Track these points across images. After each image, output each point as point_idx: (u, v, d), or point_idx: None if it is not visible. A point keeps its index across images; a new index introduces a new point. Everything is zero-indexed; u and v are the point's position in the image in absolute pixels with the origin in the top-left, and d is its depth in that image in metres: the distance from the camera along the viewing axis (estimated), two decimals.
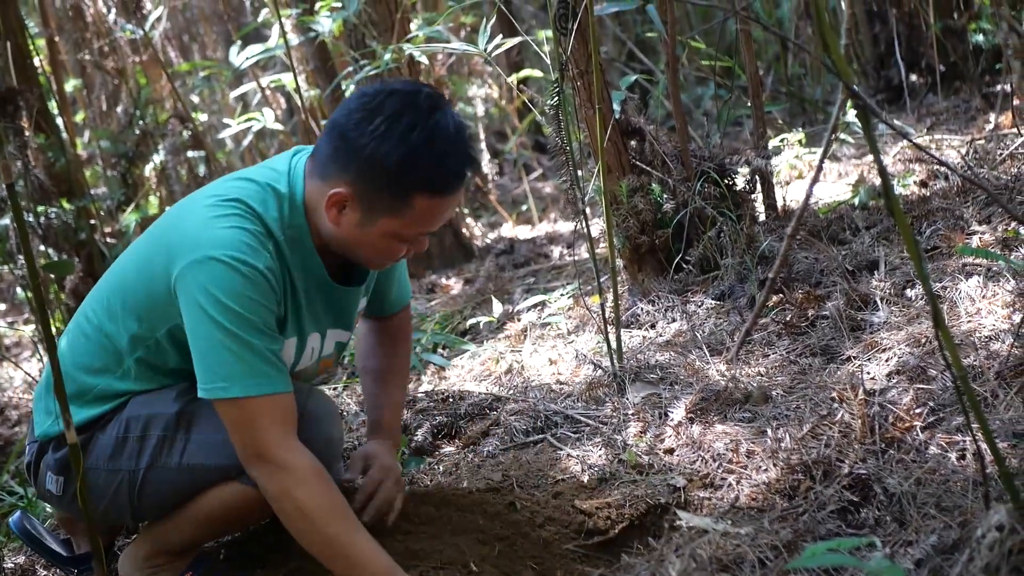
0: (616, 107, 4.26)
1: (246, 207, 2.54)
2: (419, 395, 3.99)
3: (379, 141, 2.43)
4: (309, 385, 2.80)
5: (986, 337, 3.17)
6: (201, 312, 2.44)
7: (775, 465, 2.76)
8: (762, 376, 3.41)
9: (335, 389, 4.41)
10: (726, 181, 4.34)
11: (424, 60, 5.89)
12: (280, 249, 2.56)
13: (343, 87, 6.09)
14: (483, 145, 8.11)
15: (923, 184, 4.71)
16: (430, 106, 2.46)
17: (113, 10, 7.75)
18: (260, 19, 7.32)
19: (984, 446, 2.32)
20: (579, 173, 3.73)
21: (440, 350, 4.64)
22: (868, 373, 3.17)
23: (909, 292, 3.69)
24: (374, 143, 2.43)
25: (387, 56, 5.19)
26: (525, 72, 6.99)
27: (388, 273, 3.02)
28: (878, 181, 4.75)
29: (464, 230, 6.90)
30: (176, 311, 2.52)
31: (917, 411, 2.83)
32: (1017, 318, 3.19)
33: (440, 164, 2.47)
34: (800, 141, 5.75)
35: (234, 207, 2.53)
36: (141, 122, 7.30)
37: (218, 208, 2.53)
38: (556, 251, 6.33)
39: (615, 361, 3.63)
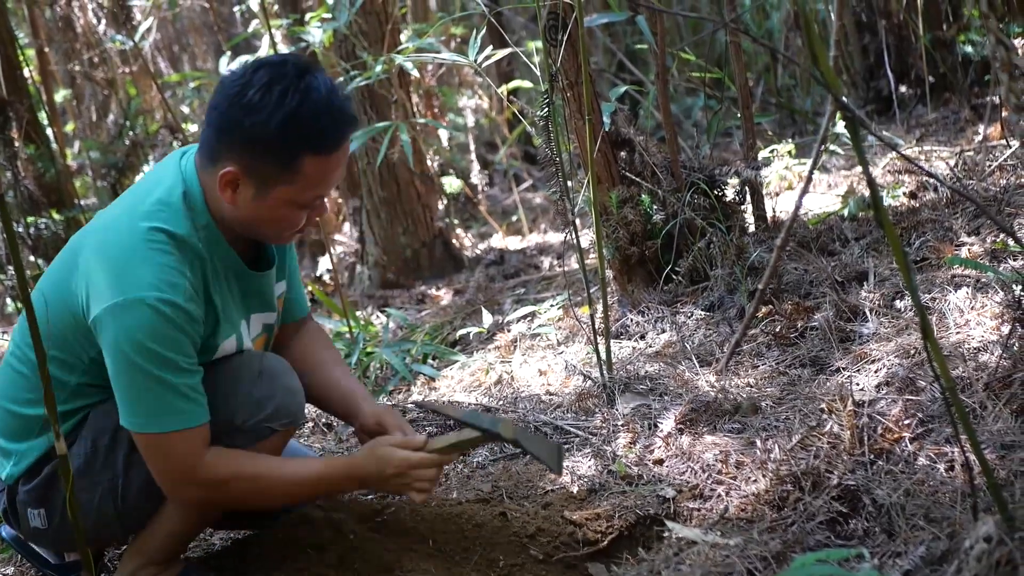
0: (606, 118, 4.27)
1: (161, 232, 2.54)
2: (409, 406, 3.99)
3: (255, 112, 2.47)
4: (259, 351, 2.82)
5: (975, 348, 3.18)
6: (120, 353, 2.48)
7: (764, 476, 2.76)
8: (751, 387, 3.42)
9: None
10: (716, 192, 4.35)
11: (414, 71, 5.90)
12: (200, 256, 2.58)
13: None
14: (473, 155, 8.11)
15: (912, 195, 4.73)
16: (298, 71, 2.50)
17: (103, 21, 7.76)
18: (250, 30, 7.32)
19: (972, 457, 2.33)
20: (569, 184, 3.73)
21: (430, 361, 4.64)
22: (857, 384, 3.17)
23: (898, 303, 3.70)
24: (251, 115, 2.47)
25: (378, 67, 5.19)
26: (515, 83, 6.99)
27: (290, 279, 3.04)
28: (867, 192, 4.77)
29: (454, 241, 6.91)
30: (95, 344, 2.56)
31: (906, 422, 2.84)
32: (1005, 329, 3.19)
33: (318, 123, 2.50)
34: (790, 152, 5.76)
35: (152, 236, 2.54)
36: (131, 132, 7.31)
37: (135, 241, 2.53)
38: (546, 262, 6.34)
39: (605, 372, 3.63)
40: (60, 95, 8.47)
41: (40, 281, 2.75)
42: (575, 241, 3.71)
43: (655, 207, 4.31)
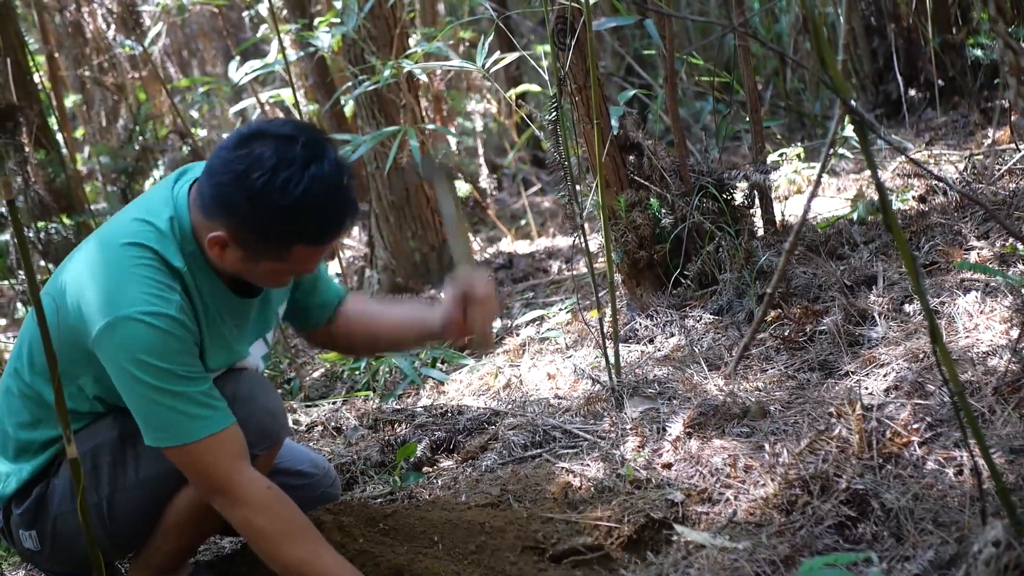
0: (614, 122, 4.27)
1: (148, 250, 2.53)
2: (418, 410, 4.00)
3: (255, 199, 2.41)
4: (235, 371, 2.78)
5: (983, 352, 3.17)
6: (125, 373, 2.47)
7: (773, 480, 2.76)
8: (760, 391, 3.42)
9: (334, 403, 4.42)
10: (724, 196, 4.35)
11: (423, 76, 5.91)
12: (186, 281, 2.56)
13: (342, 102, 6.11)
14: (481, 160, 8.11)
15: (921, 199, 4.72)
16: (306, 157, 2.42)
17: (112, 26, 7.78)
18: (259, 35, 7.35)
19: (981, 461, 2.33)
20: (577, 188, 3.74)
21: (439, 364, 4.65)
22: (866, 388, 3.17)
23: (907, 307, 3.70)
24: (251, 201, 2.41)
25: (386, 72, 5.20)
26: (523, 87, 7.00)
27: (309, 285, 3.05)
28: (876, 196, 4.77)
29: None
30: (96, 361, 2.54)
31: (915, 426, 2.83)
32: (1015, 333, 3.19)
33: (316, 219, 2.47)
34: (799, 156, 5.76)
35: (139, 254, 2.52)
36: (141, 137, 7.33)
37: (124, 260, 2.52)
38: (555, 266, 6.33)
39: (613, 376, 3.63)
40: (70, 100, 8.50)
41: (46, 287, 2.76)
42: (584, 245, 3.72)
43: (664, 211, 4.31)
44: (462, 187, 7.30)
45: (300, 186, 2.40)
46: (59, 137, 6.48)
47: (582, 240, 3.70)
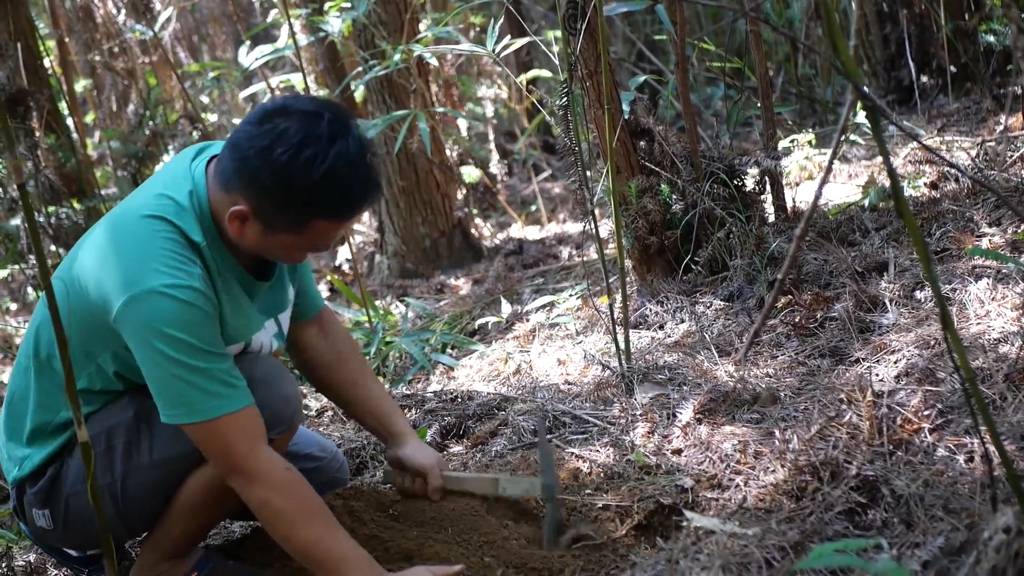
0: (625, 107, 4.26)
1: (169, 223, 2.54)
2: (428, 395, 4.00)
3: (279, 173, 2.44)
4: (253, 354, 2.80)
5: (995, 339, 3.17)
6: (148, 347, 2.47)
7: (783, 466, 2.76)
8: (770, 377, 3.41)
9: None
10: (735, 182, 4.34)
11: (433, 60, 5.90)
12: (204, 256, 2.58)
13: (352, 87, 6.10)
14: (492, 145, 8.11)
15: (933, 186, 4.71)
16: (331, 134, 2.45)
17: (123, 11, 7.78)
18: (269, 20, 7.34)
19: (992, 448, 2.32)
20: (588, 174, 3.73)
21: (449, 350, 4.65)
22: (876, 375, 3.17)
23: (918, 294, 3.69)
24: (274, 175, 2.44)
25: (396, 56, 5.19)
26: (534, 72, 7.00)
27: (303, 278, 3.06)
28: (888, 182, 4.76)
29: (473, 230, 6.91)
30: (117, 337, 2.55)
31: (925, 413, 2.83)
32: None
33: (340, 195, 2.50)
34: (810, 142, 5.74)
35: (160, 227, 2.53)
36: (151, 122, 7.33)
37: (144, 233, 2.53)
38: (565, 251, 6.33)
39: (623, 362, 3.63)
40: (80, 85, 8.49)
41: (57, 270, 2.76)
42: (594, 231, 3.71)
43: (674, 197, 4.30)
44: (472, 172, 7.29)
45: (325, 163, 2.43)
46: (69, 122, 6.49)
47: (592, 226, 3.70)
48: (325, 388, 3.15)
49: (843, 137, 5.59)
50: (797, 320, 3.75)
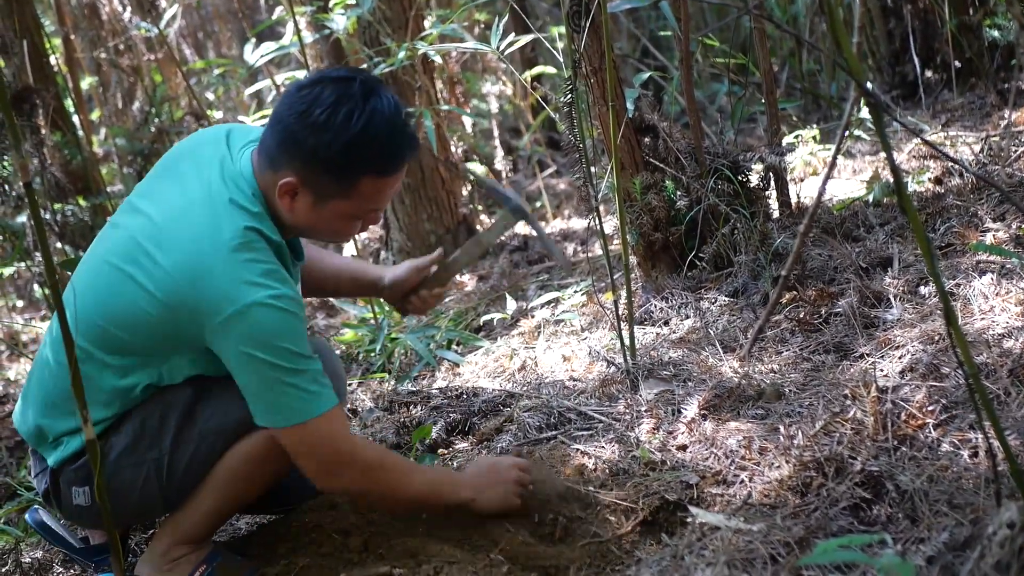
0: (630, 104, 4.27)
1: (251, 231, 2.60)
2: (433, 392, 4.00)
3: (320, 132, 2.53)
4: None
5: (999, 335, 3.17)
6: (249, 358, 2.55)
7: (788, 462, 2.76)
8: (775, 373, 3.42)
9: (349, 385, 4.43)
10: (740, 178, 4.34)
11: (438, 58, 5.90)
12: (282, 254, 2.68)
13: None
14: (497, 142, 8.11)
15: (937, 181, 4.71)
16: (365, 92, 2.56)
17: (128, 8, 7.79)
18: (275, 16, 7.34)
19: (996, 444, 2.33)
20: (593, 170, 3.73)
21: (454, 347, 4.66)
22: (881, 370, 3.17)
23: (923, 289, 3.69)
24: (315, 135, 2.54)
25: (401, 54, 5.20)
26: (539, 69, 7.00)
27: None
28: (892, 178, 4.76)
29: (478, 227, 6.91)
30: (197, 347, 2.63)
31: (930, 408, 2.83)
32: None
33: (380, 148, 2.58)
34: (814, 137, 5.74)
35: (244, 236, 2.59)
36: (156, 119, 7.34)
37: (228, 244, 2.57)
38: (570, 248, 6.33)
39: (628, 358, 3.64)
40: (86, 82, 8.50)
41: (82, 268, 2.79)
42: (599, 227, 3.72)
43: (679, 193, 4.31)
44: (478, 168, 7.30)
45: (362, 117, 2.54)
46: (75, 119, 6.50)
47: (597, 222, 3.70)
48: (308, 290, 3.28)
49: (847, 133, 5.59)
50: (801, 316, 3.75)
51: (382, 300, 3.49)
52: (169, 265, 2.60)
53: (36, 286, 7.31)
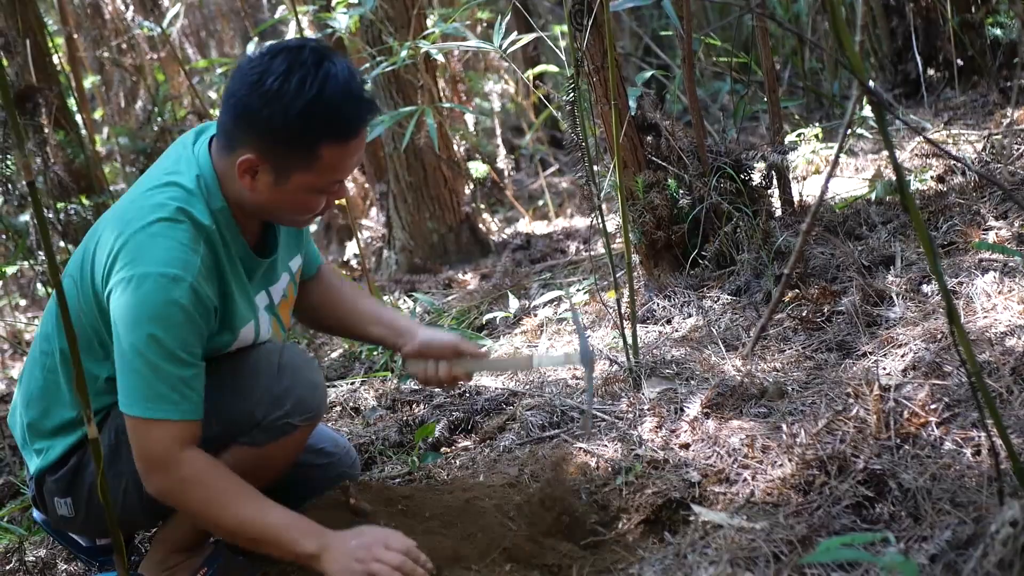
0: (632, 103, 4.27)
1: (179, 211, 2.56)
2: (436, 390, 4.00)
3: (273, 101, 2.47)
4: (282, 343, 2.83)
5: (1001, 333, 3.17)
6: (122, 328, 2.49)
7: (790, 460, 2.76)
8: (778, 371, 3.42)
9: (353, 383, 4.43)
10: (742, 176, 4.34)
11: (440, 57, 5.90)
12: (212, 239, 2.59)
13: None
14: (499, 140, 8.11)
15: (940, 179, 4.71)
16: (317, 58, 2.49)
17: (131, 7, 7.79)
18: (277, 16, 7.34)
19: (999, 442, 2.33)
20: (595, 168, 3.74)
21: None
22: (884, 369, 3.17)
23: (925, 288, 3.69)
24: (269, 104, 2.47)
25: (403, 53, 5.20)
26: (541, 68, 6.99)
27: (306, 243, 3.10)
28: (894, 176, 4.76)
29: (481, 225, 6.91)
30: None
31: (932, 407, 2.83)
32: None
33: (337, 111, 2.50)
34: (817, 136, 5.74)
35: (167, 214, 2.55)
36: (159, 118, 7.34)
37: (150, 221, 2.54)
38: (572, 246, 6.33)
39: (631, 356, 3.64)
40: (89, 81, 8.51)
41: (67, 268, 2.78)
42: (601, 226, 3.72)
43: (681, 192, 4.31)
44: (480, 168, 7.31)
45: (316, 83, 2.47)
46: (78, 118, 6.50)
47: (600, 221, 3.70)
48: (328, 325, 3.21)
49: (849, 131, 5.59)
50: (804, 314, 3.75)
51: (383, 298, 3.39)
52: (102, 238, 2.63)
53: (39, 285, 7.30)
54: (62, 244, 5.84)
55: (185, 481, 2.53)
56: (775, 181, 4.56)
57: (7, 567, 3.27)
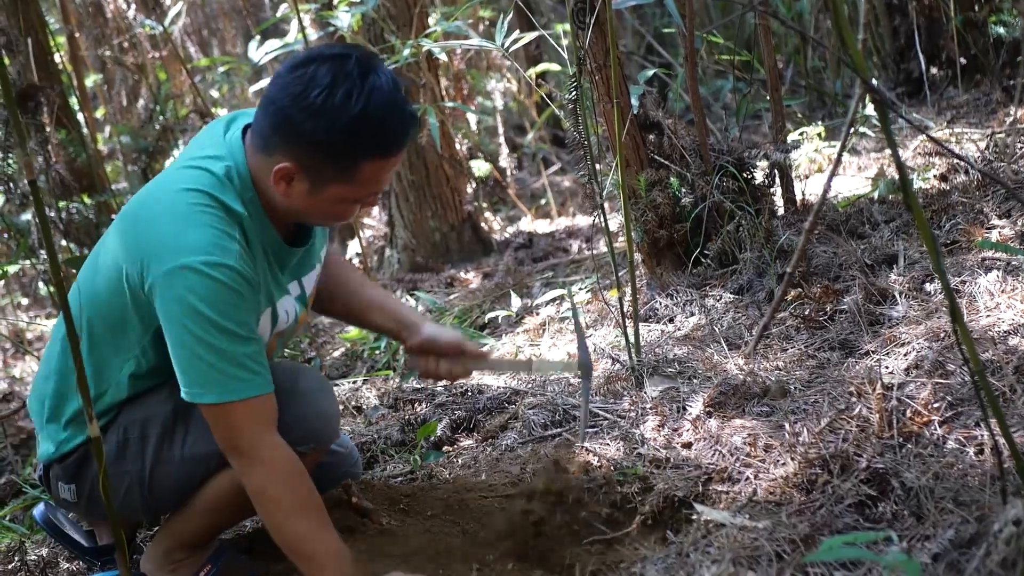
0: (634, 101, 4.26)
1: (209, 197, 2.52)
2: (438, 389, 4.01)
3: (317, 116, 2.41)
4: (297, 363, 2.82)
5: (1004, 331, 3.17)
6: (177, 321, 2.45)
7: (793, 459, 2.76)
8: (780, 370, 3.41)
9: (355, 382, 4.43)
10: (745, 175, 4.34)
11: (442, 55, 5.90)
12: (245, 226, 2.56)
13: None
14: (501, 139, 8.11)
15: (943, 178, 4.70)
16: (362, 72, 2.43)
17: (133, 6, 7.79)
18: (279, 14, 7.34)
19: (1002, 441, 2.32)
20: (597, 167, 3.73)
21: None
22: (886, 367, 3.17)
23: (928, 286, 3.69)
24: (312, 119, 2.41)
25: (406, 51, 5.20)
26: (543, 66, 6.99)
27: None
28: (897, 175, 4.75)
29: (483, 224, 6.91)
30: (155, 314, 2.53)
31: (935, 406, 2.83)
32: None
33: (381, 128, 2.45)
34: (819, 134, 5.74)
35: (198, 199, 2.52)
36: (161, 117, 7.33)
37: (183, 207, 2.51)
38: (575, 245, 6.33)
39: (633, 355, 3.64)
40: (91, 80, 8.50)
41: (85, 264, 2.76)
42: (604, 224, 3.71)
43: (684, 190, 4.30)
44: (482, 166, 7.31)
45: (361, 98, 2.40)
46: (80, 117, 6.50)
47: (602, 219, 3.70)
48: (333, 310, 3.17)
49: (852, 130, 5.58)
50: (807, 313, 3.75)
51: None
52: (119, 218, 2.62)
53: (41, 284, 7.31)
54: (64, 243, 5.84)
55: (270, 471, 2.52)
56: (778, 180, 4.56)
57: (9, 566, 3.27)
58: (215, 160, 2.58)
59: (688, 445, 3.08)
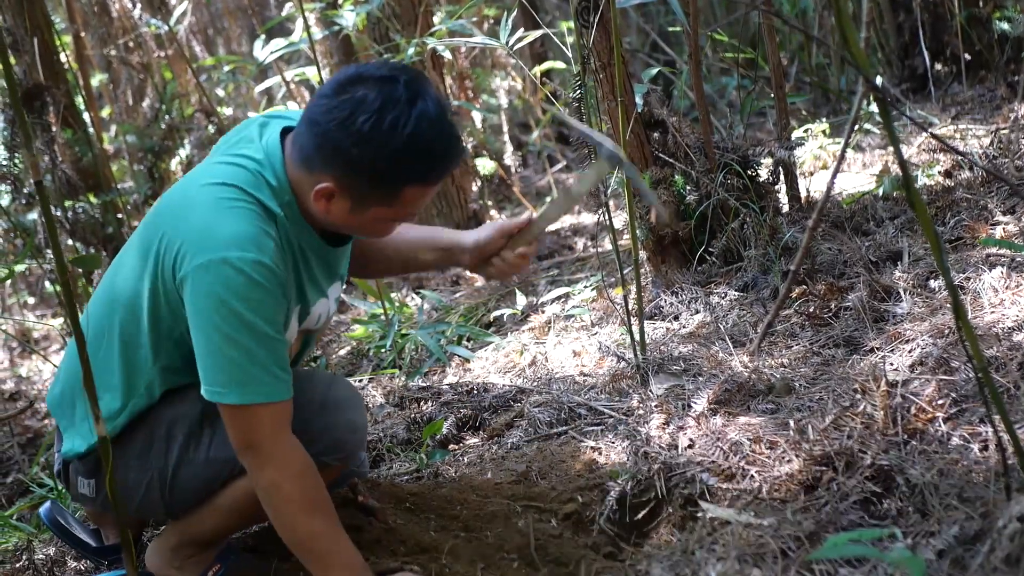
0: (639, 99, 4.27)
1: (245, 193, 2.51)
2: (444, 387, 4.01)
3: (364, 143, 2.39)
4: (331, 373, 2.81)
5: (1009, 328, 3.17)
6: (205, 316, 2.43)
7: (797, 456, 2.76)
8: (785, 367, 3.42)
9: (360, 381, 4.44)
10: (749, 172, 4.34)
11: (447, 53, 5.91)
12: (280, 225, 2.54)
13: None
14: (507, 137, 8.11)
15: (947, 174, 4.70)
16: (410, 97, 2.40)
17: (138, 5, 7.80)
18: (284, 13, 7.35)
19: (1006, 437, 2.33)
20: None
21: (464, 342, 4.66)
22: (891, 364, 3.17)
23: (932, 283, 3.69)
24: (358, 146, 2.39)
25: (410, 50, 5.20)
26: (548, 64, 7.00)
27: None
28: (901, 172, 4.74)
29: (487, 221, 6.91)
30: (182, 311, 2.52)
31: (939, 402, 2.83)
32: None
33: (428, 156, 2.44)
34: (824, 131, 5.74)
35: (233, 195, 2.51)
36: (167, 116, 7.34)
37: (218, 201, 2.50)
38: (580, 243, 6.34)
39: (638, 353, 3.64)
40: (96, 80, 8.51)
41: (112, 265, 2.76)
42: (608, 222, 3.72)
43: (688, 188, 4.31)
44: (487, 164, 7.31)
45: (408, 125, 2.38)
46: (86, 116, 6.50)
47: (607, 217, 3.71)
48: (378, 269, 3.17)
49: (856, 127, 5.59)
50: (811, 310, 3.75)
51: (390, 296, 3.28)
52: (152, 213, 2.61)
53: (47, 283, 7.32)
54: (70, 242, 5.85)
55: (283, 469, 2.51)
56: (782, 177, 4.56)
57: (17, 565, 3.28)
58: (252, 161, 2.58)
59: (693, 443, 3.08)
